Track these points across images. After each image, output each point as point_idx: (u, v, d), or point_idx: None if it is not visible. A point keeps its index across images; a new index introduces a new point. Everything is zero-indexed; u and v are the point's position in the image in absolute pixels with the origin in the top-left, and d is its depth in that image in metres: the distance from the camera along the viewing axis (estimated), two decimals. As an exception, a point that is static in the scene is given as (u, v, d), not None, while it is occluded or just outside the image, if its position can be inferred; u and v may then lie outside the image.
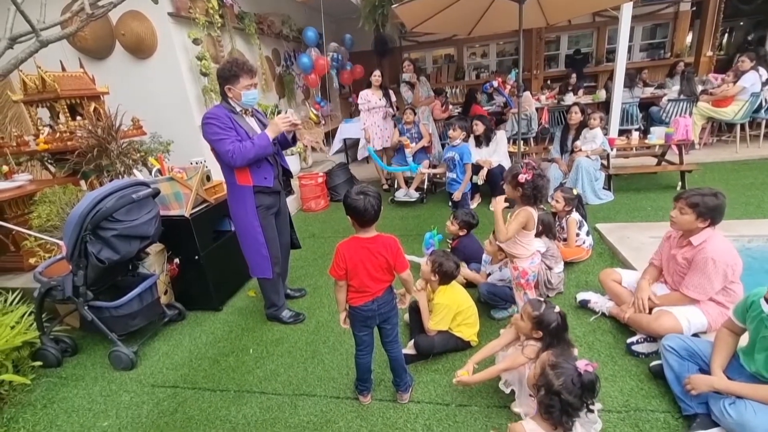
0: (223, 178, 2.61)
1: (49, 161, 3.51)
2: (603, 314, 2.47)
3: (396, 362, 1.99)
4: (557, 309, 1.74)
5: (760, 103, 5.29)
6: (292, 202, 5.11)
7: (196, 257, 2.84)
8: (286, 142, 2.64)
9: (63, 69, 3.45)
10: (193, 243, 2.80)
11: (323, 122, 7.16)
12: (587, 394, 1.43)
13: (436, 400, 2.03)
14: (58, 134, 3.27)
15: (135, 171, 3.15)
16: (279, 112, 5.88)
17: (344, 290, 1.85)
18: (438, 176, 4.81)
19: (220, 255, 3.03)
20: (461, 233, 3.01)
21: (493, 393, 1.99)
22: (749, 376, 1.67)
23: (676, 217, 2.10)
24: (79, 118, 3.38)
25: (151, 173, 2.95)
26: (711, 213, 2.00)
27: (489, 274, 2.75)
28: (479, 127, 4.59)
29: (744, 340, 1.73)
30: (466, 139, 4.36)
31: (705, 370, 1.79)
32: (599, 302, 2.52)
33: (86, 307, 2.41)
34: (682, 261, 2.12)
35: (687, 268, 2.10)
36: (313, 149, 6.43)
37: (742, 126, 5.44)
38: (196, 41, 4.38)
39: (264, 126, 2.54)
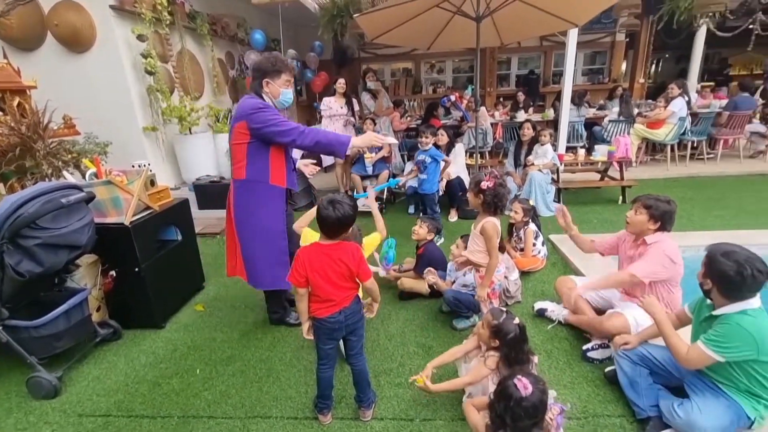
0: (242, 177, 2.32)
1: (-40, 160, 3.07)
2: (560, 322, 2.54)
3: (360, 376, 1.90)
4: (517, 321, 1.74)
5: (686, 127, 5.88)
6: (246, 211, 4.87)
7: (136, 269, 2.57)
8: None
9: (-19, 57, 3.06)
10: (133, 254, 2.54)
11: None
12: (502, 402, 1.42)
13: (399, 415, 1.95)
14: (-28, 130, 2.86)
15: (65, 173, 2.83)
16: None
17: (305, 299, 1.76)
18: (399, 186, 4.84)
19: (164, 266, 2.77)
20: (429, 237, 2.99)
21: (457, 405, 1.95)
22: (696, 375, 1.76)
23: (631, 217, 2.25)
24: (0, 113, 3.00)
25: (84, 177, 2.66)
26: (662, 216, 2.15)
27: (454, 282, 2.74)
28: (443, 138, 4.67)
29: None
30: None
31: (656, 372, 1.88)
32: (555, 311, 2.59)
33: (0, 327, 2.08)
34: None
35: None
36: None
37: (672, 147, 6.01)
38: (141, 37, 4.09)
39: None
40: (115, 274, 2.64)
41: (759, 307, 1.57)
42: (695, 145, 6.35)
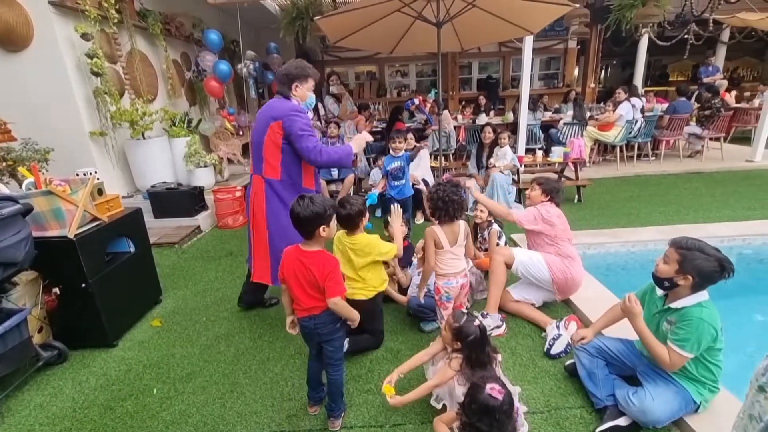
0: (274, 178, 2.43)
1: None
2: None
3: (333, 386, 1.89)
4: (477, 323, 1.77)
5: (637, 127, 6.28)
6: (206, 218, 4.68)
7: (83, 285, 2.39)
8: None
9: None
10: (80, 268, 2.36)
11: (241, 133, 6.77)
12: (486, 417, 1.42)
13: (369, 422, 1.93)
14: None
15: (-1, 183, 2.59)
16: (190, 121, 5.41)
17: (287, 294, 1.82)
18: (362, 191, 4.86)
19: (115, 281, 2.60)
20: (406, 231, 3.00)
21: (426, 408, 1.96)
22: (647, 365, 1.87)
23: (529, 193, 2.76)
24: None
25: (21, 186, 2.45)
26: (551, 191, 2.68)
27: (411, 279, 2.78)
28: (411, 142, 4.72)
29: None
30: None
31: (611, 363, 1.97)
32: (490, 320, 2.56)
33: None
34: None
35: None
36: (230, 161, 6.02)
37: (621, 148, 6.39)
38: (85, 36, 3.83)
39: None
40: (59, 292, 2.44)
41: (708, 298, 1.69)
42: (641, 146, 6.80)
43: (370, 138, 2.58)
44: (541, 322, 2.55)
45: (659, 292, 1.81)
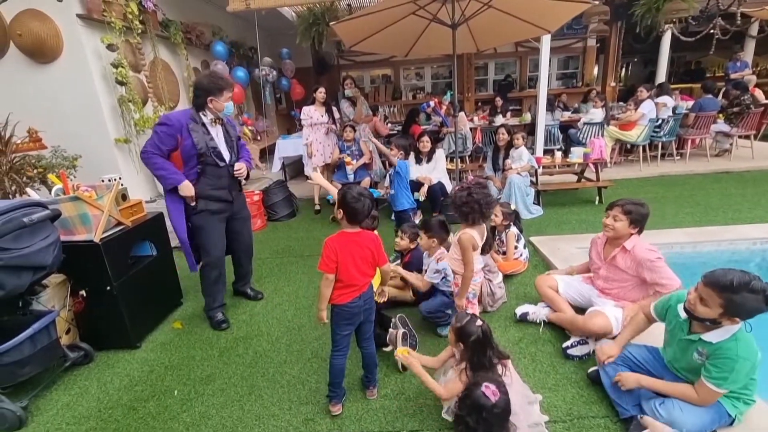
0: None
1: None
2: (543, 322, 2.53)
3: (370, 358, 2.05)
4: (479, 323, 1.74)
5: (660, 126, 6.08)
6: (225, 222, 4.75)
7: (108, 288, 2.46)
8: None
9: (-64, 69, 2.90)
10: (104, 272, 2.43)
11: (259, 138, 6.88)
12: (474, 414, 1.42)
13: (386, 427, 1.92)
14: (-75, 146, 2.71)
15: (29, 190, 2.69)
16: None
17: (332, 285, 1.86)
18: (384, 195, 4.87)
19: (138, 284, 2.67)
20: (412, 246, 2.98)
21: (444, 416, 1.93)
22: (674, 374, 1.79)
23: (611, 224, 2.24)
24: (-44, 127, 2.85)
25: (51, 192, 2.54)
26: (641, 221, 2.21)
27: (426, 270, 2.73)
28: (428, 144, 4.70)
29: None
30: (406, 157, 4.40)
31: (637, 371, 1.89)
32: (536, 312, 2.58)
33: (-44, 357, 1.95)
34: (625, 266, 2.26)
35: (631, 272, 2.23)
36: (249, 166, 6.10)
37: (644, 147, 6.20)
38: (111, 47, 3.96)
39: (228, 134, 2.73)
40: (85, 294, 2.52)
41: (742, 325, 1.58)
42: (665, 145, 6.58)
43: (191, 192, 2.56)
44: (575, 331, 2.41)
45: (683, 314, 1.67)
